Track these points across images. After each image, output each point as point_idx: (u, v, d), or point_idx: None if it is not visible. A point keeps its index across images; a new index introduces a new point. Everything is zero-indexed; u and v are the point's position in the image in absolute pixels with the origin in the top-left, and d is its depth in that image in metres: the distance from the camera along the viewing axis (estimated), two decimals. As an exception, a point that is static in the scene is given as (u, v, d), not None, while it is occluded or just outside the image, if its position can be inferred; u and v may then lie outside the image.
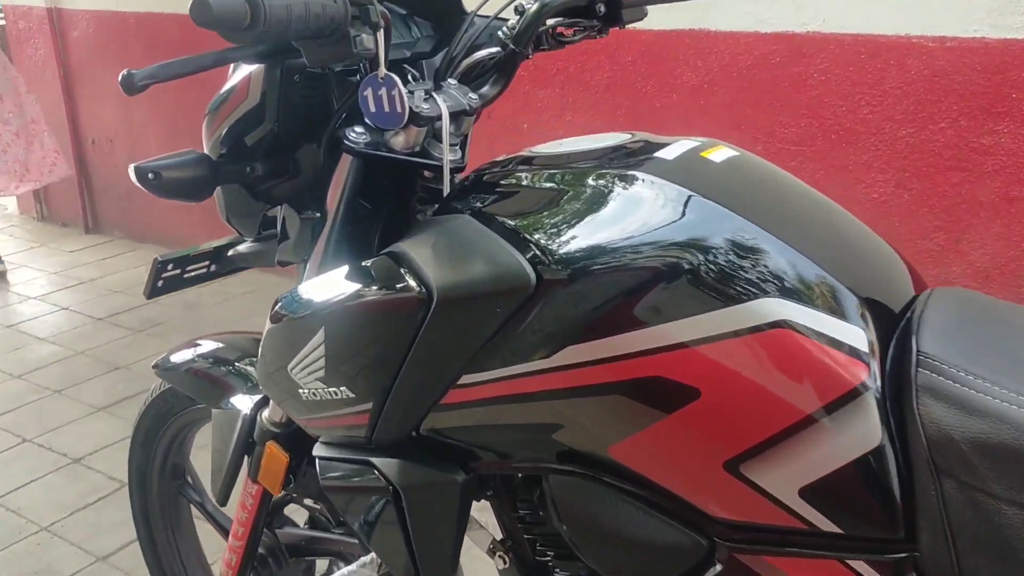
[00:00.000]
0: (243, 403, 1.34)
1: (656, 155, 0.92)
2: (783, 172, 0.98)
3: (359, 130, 1.03)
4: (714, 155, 0.94)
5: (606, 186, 0.89)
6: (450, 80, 1.10)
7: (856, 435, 0.78)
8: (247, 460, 1.33)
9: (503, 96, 1.07)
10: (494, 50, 1.06)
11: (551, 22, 1.09)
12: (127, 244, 4.48)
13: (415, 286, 0.90)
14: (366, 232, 1.12)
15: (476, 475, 1.00)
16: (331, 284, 0.99)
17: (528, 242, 0.86)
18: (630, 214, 0.86)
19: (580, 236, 0.86)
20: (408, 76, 1.08)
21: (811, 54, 2.43)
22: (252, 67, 1.03)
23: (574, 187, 0.90)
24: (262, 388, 1.16)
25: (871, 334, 0.81)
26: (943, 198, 2.33)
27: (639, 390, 0.84)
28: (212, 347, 1.48)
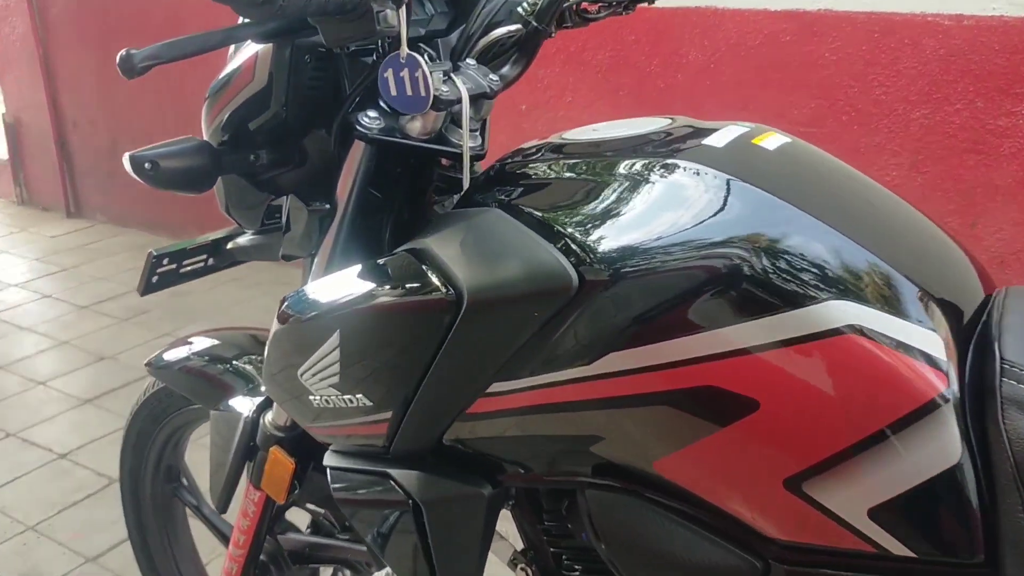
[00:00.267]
0: (244, 405, 1.26)
1: (704, 142, 0.84)
2: (837, 160, 0.91)
3: (372, 115, 0.95)
4: (766, 142, 0.86)
5: (651, 176, 0.81)
6: (468, 60, 1.02)
7: (933, 451, 0.71)
8: (248, 465, 1.26)
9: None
10: (514, 28, 0.98)
11: None
12: (111, 229, 4.37)
13: (442, 287, 0.82)
14: (380, 225, 1.05)
15: (503, 488, 0.93)
16: (345, 283, 0.91)
17: (567, 239, 0.78)
18: (679, 207, 0.78)
19: (625, 232, 0.78)
20: (424, 56, 1.00)
21: (823, 32, 2.35)
22: (258, 47, 0.94)
23: (615, 178, 0.82)
24: (267, 391, 1.08)
25: (947, 340, 0.74)
26: (958, 182, 2.26)
27: (690, 401, 0.76)
28: (208, 344, 1.40)
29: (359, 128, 0.95)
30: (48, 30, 4.36)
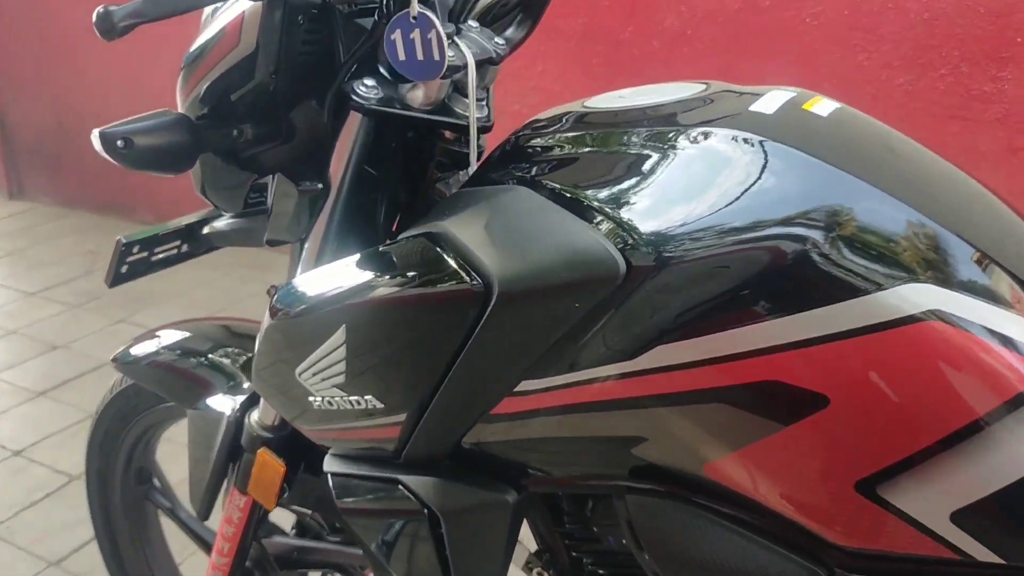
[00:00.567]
0: (225, 403, 1.16)
1: (752, 108, 0.76)
2: (889, 127, 0.83)
3: (370, 83, 0.86)
4: (817, 108, 0.78)
5: (698, 147, 0.73)
6: (470, 23, 0.93)
7: None
8: (232, 468, 1.16)
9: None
10: None
11: None
12: (57, 211, 4.17)
13: (467, 276, 0.73)
14: (377, 206, 0.96)
15: (528, 494, 0.85)
16: (350, 272, 0.82)
17: (610, 220, 0.70)
18: (734, 182, 0.70)
19: (673, 212, 0.69)
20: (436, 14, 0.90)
21: (804, -4, 2.28)
22: (244, 8, 0.84)
23: (657, 150, 0.74)
24: (258, 391, 0.99)
25: None
26: (943, 149, 2.18)
27: (750, 397, 0.69)
28: (178, 338, 1.29)
29: (355, 98, 0.86)
30: (-19, 1, 4.14)
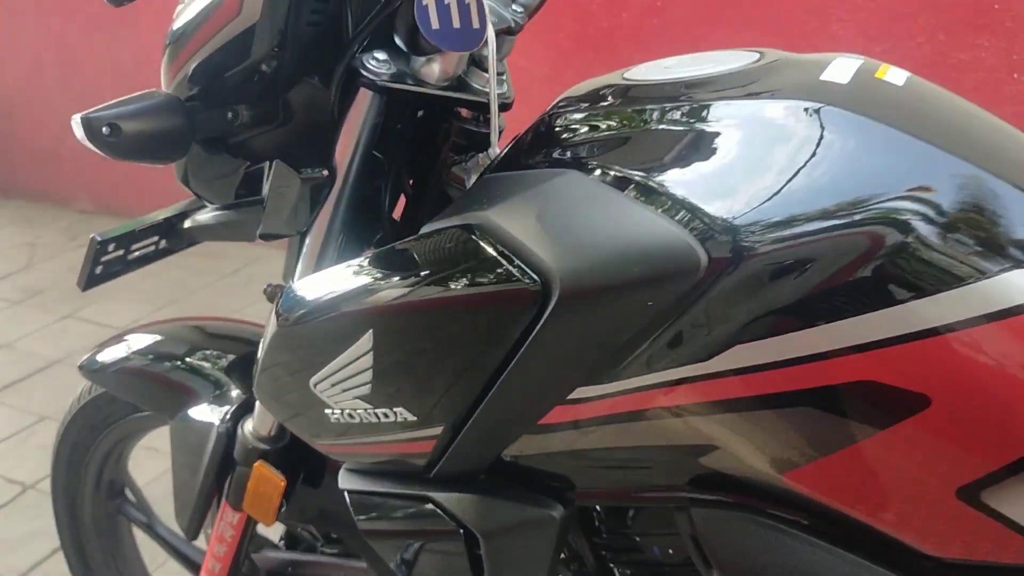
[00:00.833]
0: (212, 413, 1.07)
1: (823, 78, 0.69)
2: (960, 97, 0.77)
3: (381, 57, 0.77)
4: (890, 76, 0.71)
5: (772, 122, 0.65)
6: None
7: None
8: (223, 483, 1.07)
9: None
10: None
11: None
12: (-11, 201, 3.96)
13: (519, 273, 0.64)
14: (385, 194, 0.87)
15: (575, 508, 0.77)
16: (373, 271, 0.73)
17: (684, 207, 0.62)
18: (820, 162, 0.63)
19: (755, 196, 0.62)
20: None
21: (778, -36, 2.22)
22: None
23: (725, 126, 0.66)
24: (263, 404, 0.89)
25: None
26: (921, 119, 2.19)
27: (840, 400, 0.62)
28: (149, 341, 1.19)
29: (366, 74, 0.77)
30: None
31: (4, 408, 2.43)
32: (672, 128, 0.68)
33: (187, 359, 1.16)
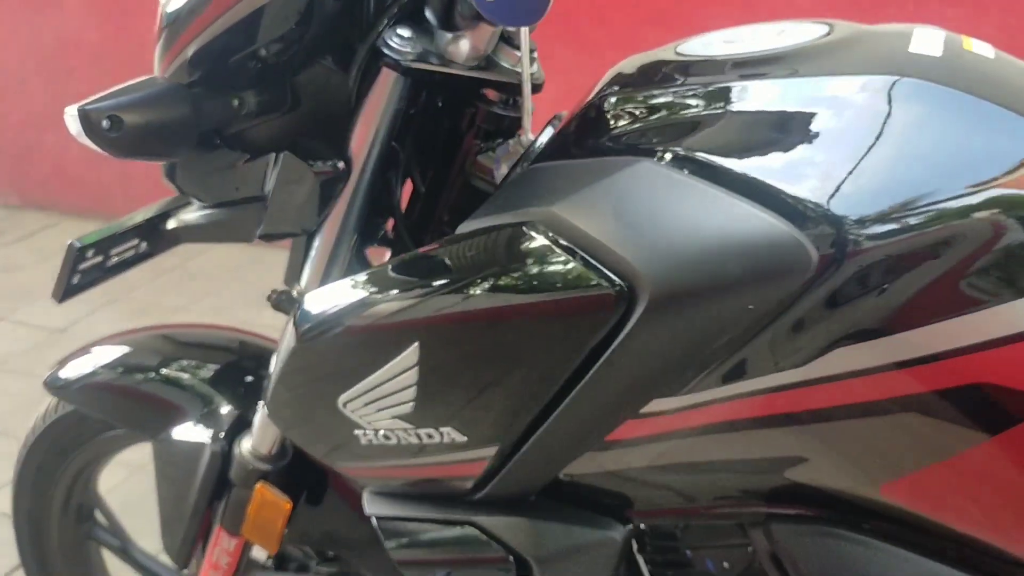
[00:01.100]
0: (202, 431, 0.98)
1: (912, 51, 0.63)
2: None
3: (406, 34, 0.69)
4: (977, 48, 0.66)
5: (872, 101, 0.58)
6: None
7: None
8: (217, 507, 0.98)
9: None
10: None
11: None
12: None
13: (598, 276, 0.57)
14: (397, 187, 0.79)
15: (636, 529, 0.71)
16: (414, 276, 0.65)
17: (785, 199, 0.55)
18: (929, 143, 0.57)
19: (862, 184, 0.56)
20: None
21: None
22: None
23: (816, 105, 0.59)
24: (277, 425, 0.81)
25: None
26: (889, 93, 2.17)
27: (949, 404, 0.57)
28: (119, 353, 1.09)
29: (388, 53, 0.69)
30: None
31: (-60, 422, 2.27)
32: (757, 109, 0.61)
33: (165, 371, 1.06)
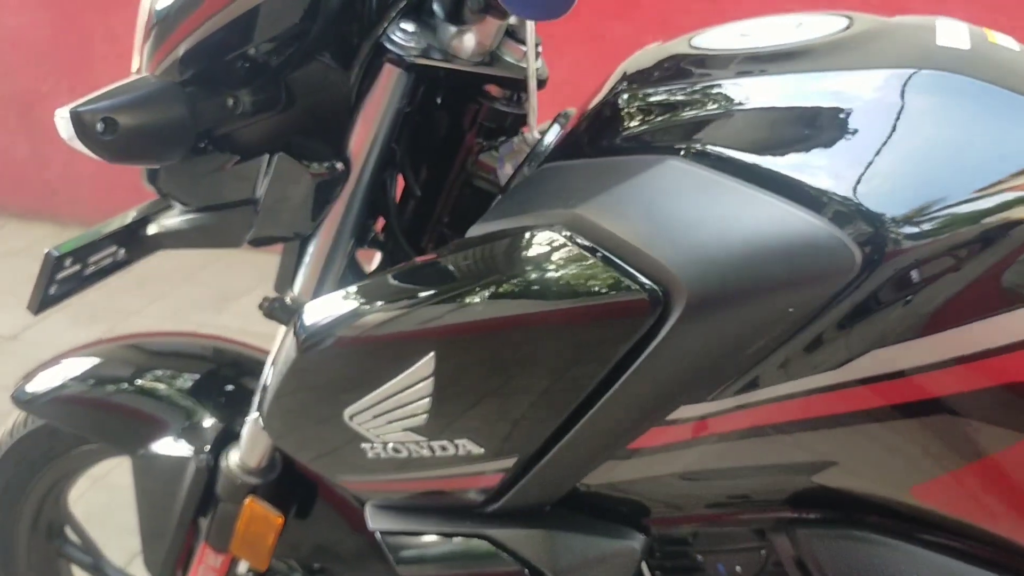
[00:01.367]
0: (185, 444, 0.94)
1: (941, 44, 0.61)
2: None
3: (410, 29, 0.66)
4: (1001, 40, 0.64)
5: (903, 96, 0.57)
6: None
7: None
8: (203, 523, 0.94)
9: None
10: None
11: None
12: None
13: (631, 281, 0.55)
14: (391, 187, 0.76)
15: (654, 537, 0.69)
16: (427, 284, 0.62)
17: (825, 197, 0.53)
18: (963, 139, 0.55)
19: (903, 181, 0.54)
20: None
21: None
22: None
23: (846, 101, 0.57)
24: (274, 439, 0.77)
25: None
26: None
27: (987, 403, 0.56)
28: (89, 365, 1.04)
29: (392, 48, 0.66)
30: None
31: None
32: (786, 105, 0.59)
33: (140, 382, 1.02)
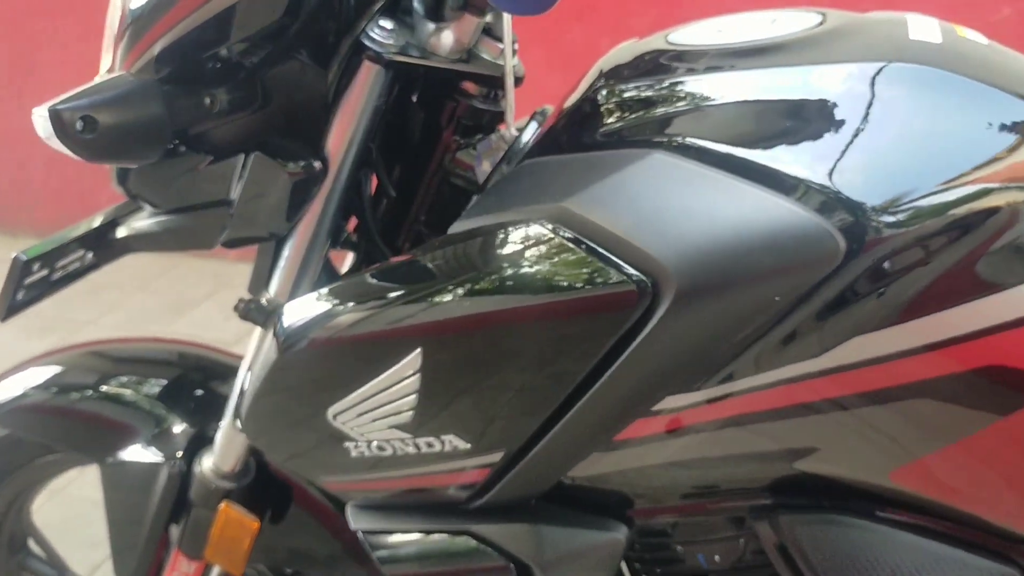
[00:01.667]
0: (156, 451, 0.92)
1: (913, 38, 0.63)
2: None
3: (388, 26, 0.67)
4: (970, 35, 0.66)
5: (880, 89, 0.58)
6: None
7: None
8: (175, 530, 0.93)
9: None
10: None
11: None
12: None
13: (618, 272, 0.55)
14: (366, 186, 0.76)
15: (637, 528, 0.70)
16: (410, 281, 0.62)
17: (808, 188, 0.55)
18: (937, 130, 0.57)
19: (881, 172, 0.56)
20: None
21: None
22: None
23: (825, 94, 0.59)
24: (254, 442, 0.76)
25: None
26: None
27: (963, 387, 0.58)
28: (51, 373, 1.02)
29: (371, 46, 0.66)
30: None
31: None
32: (765, 98, 0.60)
33: (106, 389, 1.00)
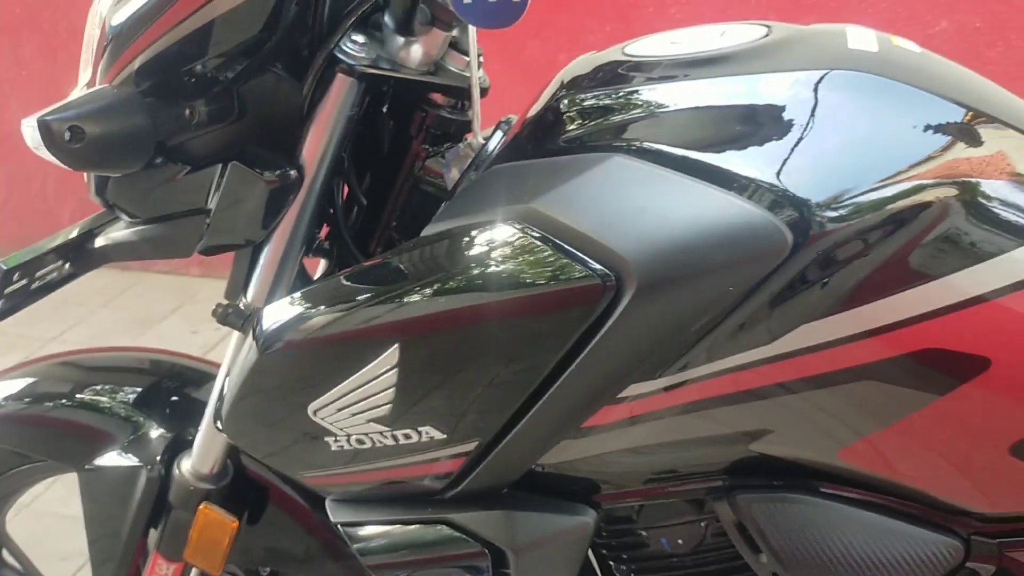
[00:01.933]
0: (134, 455, 0.94)
1: (852, 47, 0.68)
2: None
3: (360, 40, 0.70)
4: (903, 44, 0.71)
5: (822, 94, 0.63)
6: None
7: None
8: (151, 533, 0.94)
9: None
10: None
11: None
12: None
13: (583, 267, 0.59)
14: (360, 195, 0.80)
15: (604, 512, 0.74)
16: (386, 281, 0.65)
17: (757, 186, 0.59)
18: (879, 131, 0.62)
19: (824, 170, 0.60)
20: None
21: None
22: None
23: (772, 100, 0.63)
24: (235, 441, 0.79)
25: None
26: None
27: (902, 370, 0.62)
28: (23, 384, 1.04)
29: (344, 59, 0.70)
30: None
31: None
32: (716, 105, 0.65)
33: (81, 397, 1.02)
